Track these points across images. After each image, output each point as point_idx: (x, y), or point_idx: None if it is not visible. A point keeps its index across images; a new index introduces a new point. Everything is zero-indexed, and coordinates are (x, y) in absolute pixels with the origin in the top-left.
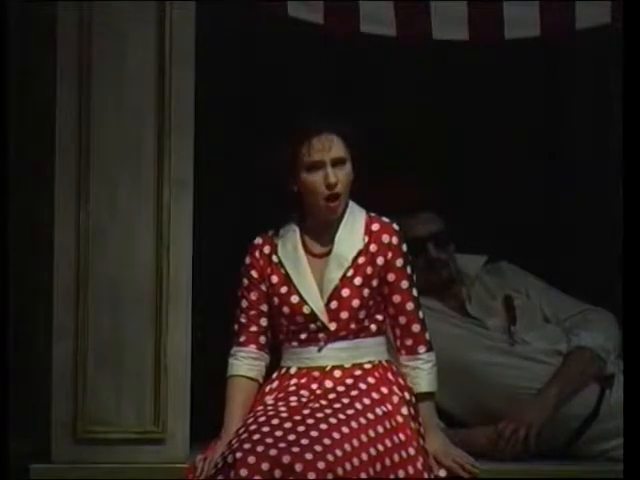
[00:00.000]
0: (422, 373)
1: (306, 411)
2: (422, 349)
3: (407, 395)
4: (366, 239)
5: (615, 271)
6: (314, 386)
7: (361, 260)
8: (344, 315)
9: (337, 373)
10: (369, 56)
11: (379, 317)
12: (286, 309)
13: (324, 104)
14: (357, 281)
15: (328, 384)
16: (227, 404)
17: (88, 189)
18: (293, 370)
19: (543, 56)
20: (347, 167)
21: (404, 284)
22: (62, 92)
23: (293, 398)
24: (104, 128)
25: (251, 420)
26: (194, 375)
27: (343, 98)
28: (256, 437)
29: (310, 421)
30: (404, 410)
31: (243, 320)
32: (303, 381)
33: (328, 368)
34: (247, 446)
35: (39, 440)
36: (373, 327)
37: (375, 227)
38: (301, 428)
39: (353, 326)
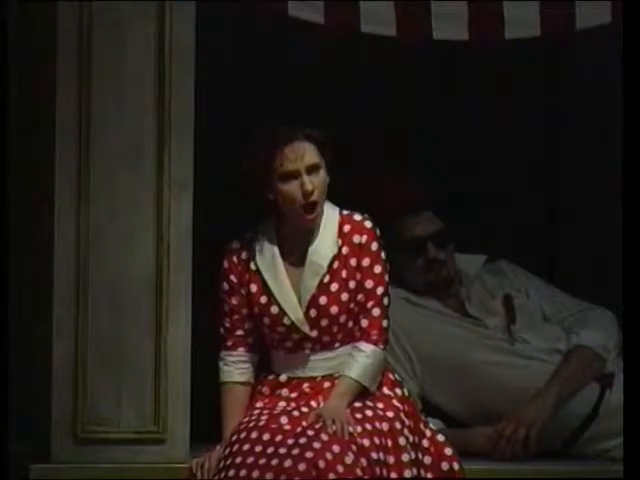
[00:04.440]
0: (357, 364)
1: (285, 419)
2: (370, 344)
3: (399, 391)
4: (339, 242)
5: (615, 271)
6: (303, 401)
7: (336, 265)
8: (324, 322)
9: (327, 384)
10: (369, 56)
11: None
12: (267, 320)
13: (324, 104)
14: (334, 287)
15: (318, 398)
16: (222, 412)
17: (88, 189)
18: (283, 378)
19: (543, 56)
20: (322, 173)
21: (377, 268)
22: (62, 92)
23: (280, 410)
24: (104, 128)
25: (235, 438)
26: (194, 375)
27: (343, 98)
28: (238, 460)
29: (291, 428)
30: (396, 403)
31: (228, 324)
32: (294, 395)
33: (318, 379)
34: (232, 472)
35: (39, 440)
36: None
37: (347, 228)
38: (279, 437)
39: (336, 330)
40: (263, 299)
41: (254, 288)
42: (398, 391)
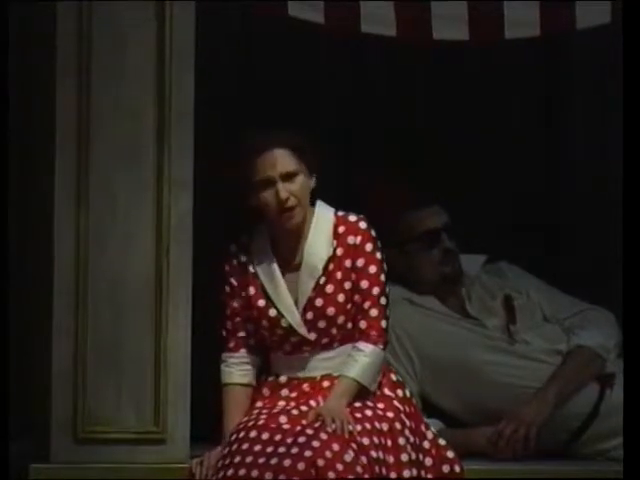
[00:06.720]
0: (357, 364)
1: (284, 418)
2: (369, 343)
3: (400, 392)
4: (334, 243)
5: (615, 271)
6: (302, 400)
7: (331, 266)
8: (322, 324)
9: (326, 384)
10: (370, 55)
11: None
12: (265, 322)
13: (324, 104)
14: (329, 289)
15: (317, 397)
16: (224, 412)
17: (88, 189)
18: (283, 379)
19: (543, 56)
20: (299, 179)
21: (372, 269)
22: (62, 92)
23: (279, 409)
24: (104, 128)
25: (234, 437)
26: (194, 375)
27: (343, 97)
28: (237, 459)
29: (290, 427)
30: (397, 404)
31: (229, 326)
32: (294, 395)
33: (318, 378)
34: (230, 472)
35: (39, 440)
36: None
37: (342, 229)
38: (278, 436)
39: (335, 332)
40: (261, 302)
41: (252, 291)
42: (399, 392)
